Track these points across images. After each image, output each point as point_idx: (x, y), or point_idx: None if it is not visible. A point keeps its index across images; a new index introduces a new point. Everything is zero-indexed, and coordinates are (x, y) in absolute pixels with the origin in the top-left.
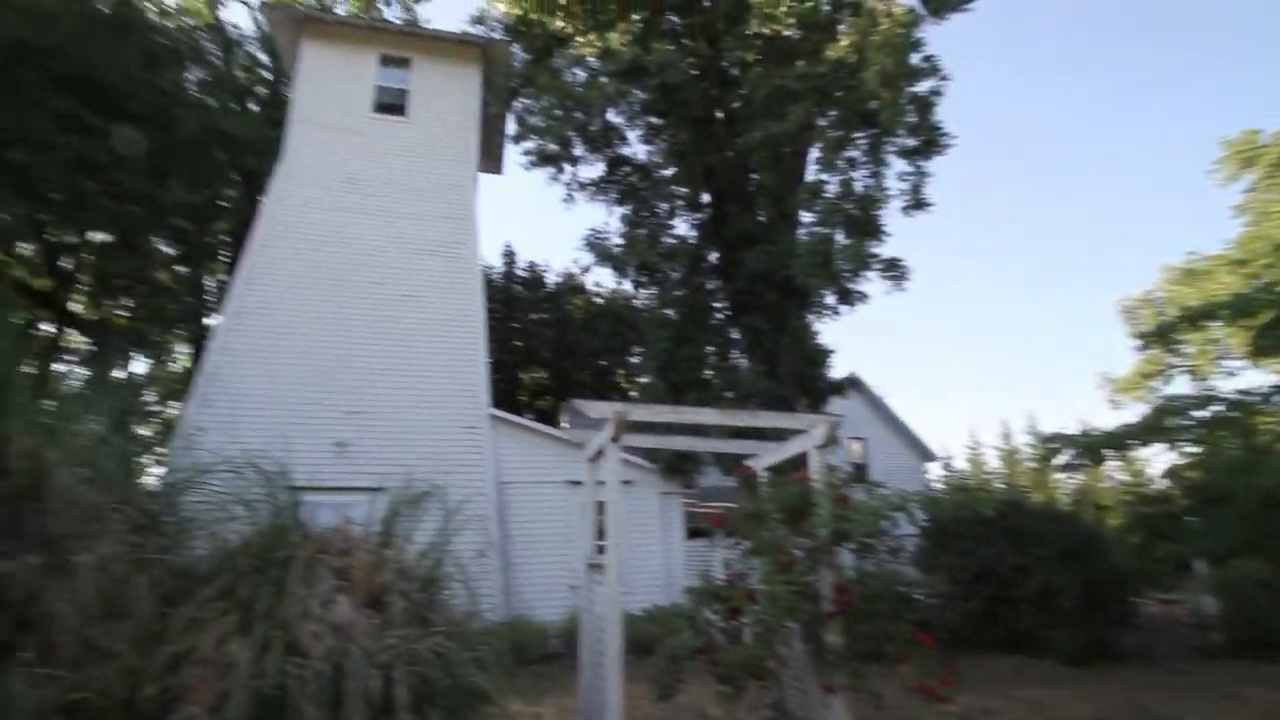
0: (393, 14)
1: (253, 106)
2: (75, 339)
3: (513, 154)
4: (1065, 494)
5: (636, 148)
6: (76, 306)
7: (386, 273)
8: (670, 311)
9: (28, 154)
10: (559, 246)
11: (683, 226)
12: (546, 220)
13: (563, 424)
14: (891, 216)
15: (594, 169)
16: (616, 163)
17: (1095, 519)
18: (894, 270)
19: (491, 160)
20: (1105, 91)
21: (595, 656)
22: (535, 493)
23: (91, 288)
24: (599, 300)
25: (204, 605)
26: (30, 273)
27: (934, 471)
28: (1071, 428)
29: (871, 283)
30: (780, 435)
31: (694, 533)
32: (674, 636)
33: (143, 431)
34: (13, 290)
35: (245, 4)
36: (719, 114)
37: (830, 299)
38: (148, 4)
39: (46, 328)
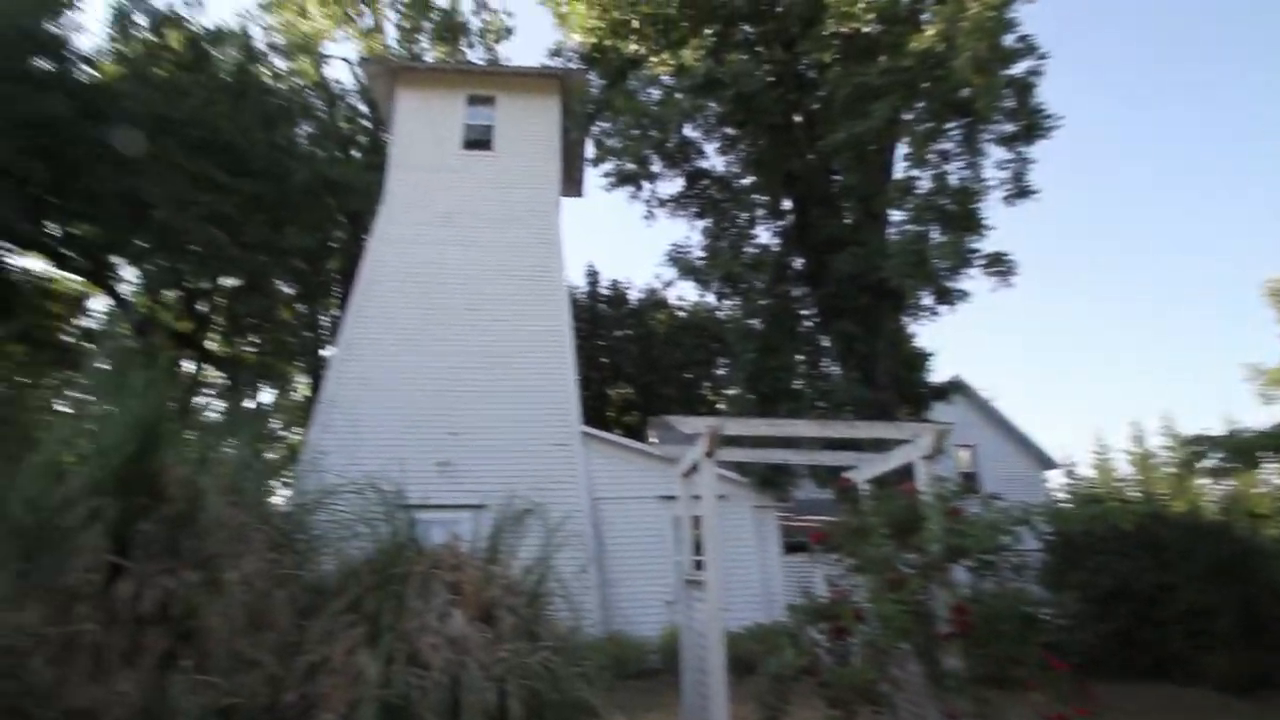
0: (476, 55)
1: (355, 153)
2: (212, 374)
3: (593, 176)
4: (1212, 502)
5: (714, 160)
6: (212, 345)
7: (480, 299)
8: (755, 321)
9: (169, 213)
10: (641, 263)
11: (765, 235)
12: (627, 238)
13: (650, 439)
14: (993, 208)
15: (673, 185)
16: (695, 176)
17: (1250, 529)
18: (998, 265)
19: (573, 184)
20: (1232, 60)
21: (698, 674)
22: (627, 508)
23: (225, 327)
24: (682, 314)
25: (334, 618)
26: (174, 317)
27: (1055, 480)
28: (1217, 427)
29: (973, 280)
30: (880, 445)
31: (791, 547)
32: (776, 655)
33: (271, 456)
34: (163, 335)
35: (345, 60)
36: (797, 118)
37: (927, 299)
38: (262, 69)
39: (188, 365)
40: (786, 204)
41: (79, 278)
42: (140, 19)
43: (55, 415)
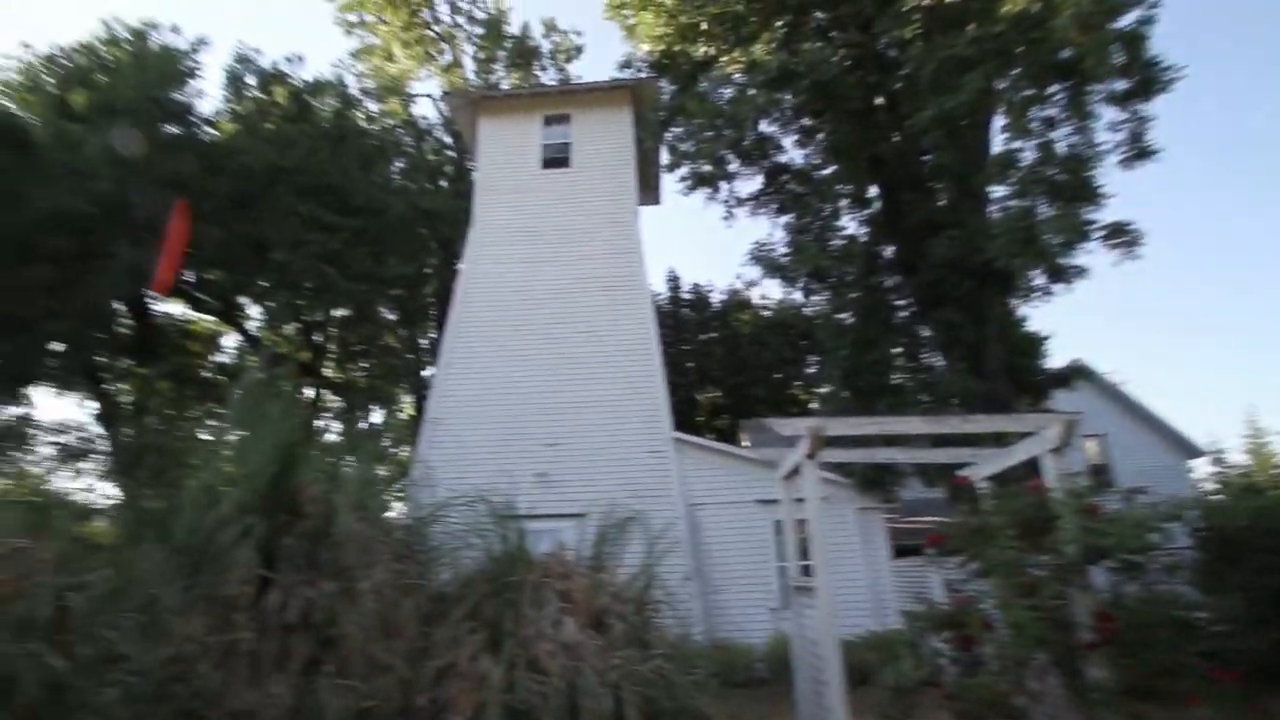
0: (549, 76)
1: (443, 183)
2: (329, 399)
3: (669, 182)
4: None
5: (793, 153)
6: (328, 371)
7: (568, 312)
8: (846, 316)
9: (286, 253)
10: (722, 265)
11: (851, 225)
12: (707, 241)
13: (743, 442)
14: (1110, 175)
15: (751, 183)
16: (774, 172)
17: None
18: (1121, 236)
19: (649, 192)
20: None
21: (813, 684)
22: (724, 513)
23: (337, 355)
24: (767, 313)
25: (456, 625)
26: (294, 349)
27: (1201, 469)
28: None
29: (1092, 254)
30: (998, 440)
31: (901, 551)
32: (893, 665)
33: (384, 473)
34: (290, 366)
35: (429, 96)
36: (879, 100)
37: (1039, 279)
38: (357, 113)
39: (309, 392)
40: (872, 191)
41: (212, 318)
42: (250, 79)
43: (202, 444)
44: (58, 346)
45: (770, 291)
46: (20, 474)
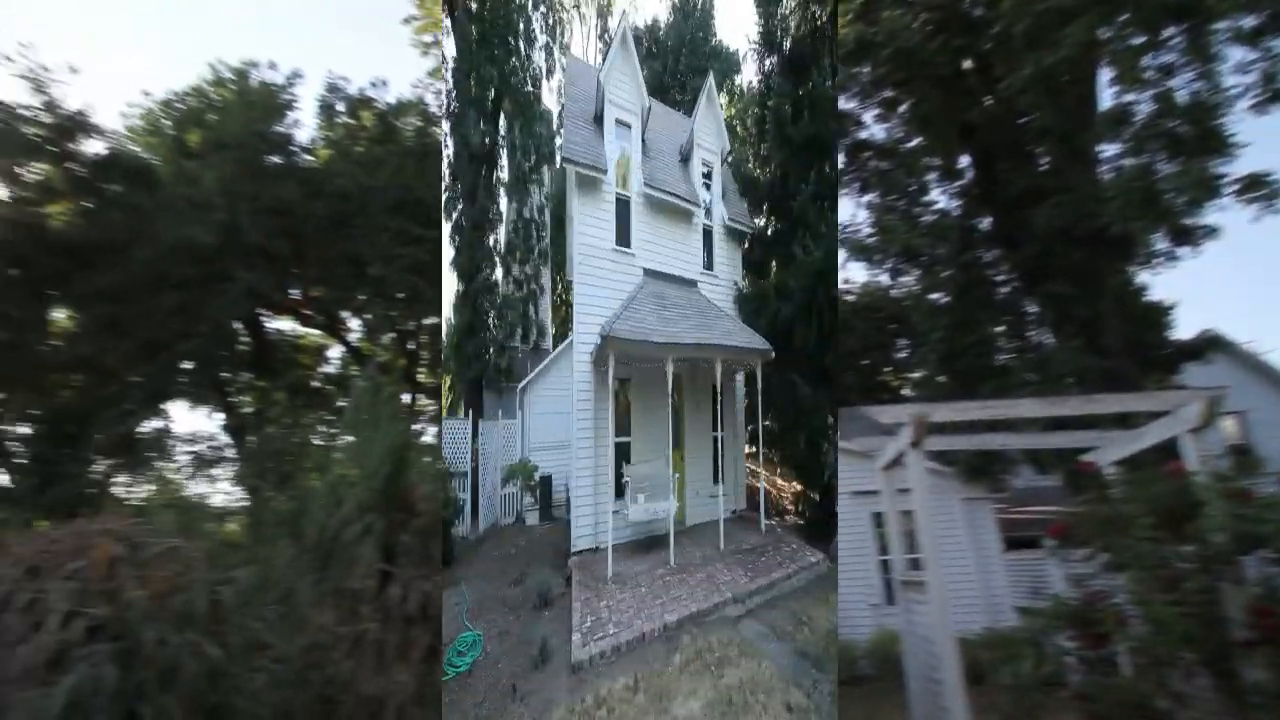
0: None
1: None
2: (424, 402)
3: None
4: None
5: (874, 129)
6: (420, 376)
7: None
8: (940, 295)
9: (380, 268)
10: None
11: (942, 199)
12: None
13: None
14: (1242, 122)
15: None
16: (854, 150)
17: None
18: (1259, 188)
19: None
20: None
21: (928, 683)
22: None
23: (429, 361)
24: (850, 297)
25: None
26: (393, 357)
27: None
28: None
29: (1224, 211)
30: (1123, 421)
31: (1012, 543)
32: (1012, 664)
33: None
34: (393, 374)
35: None
36: (968, 64)
37: (1162, 243)
38: (436, 130)
39: (405, 397)
40: (964, 161)
41: (318, 332)
42: (340, 106)
43: (319, 450)
44: (188, 365)
45: (854, 275)
46: (163, 481)
